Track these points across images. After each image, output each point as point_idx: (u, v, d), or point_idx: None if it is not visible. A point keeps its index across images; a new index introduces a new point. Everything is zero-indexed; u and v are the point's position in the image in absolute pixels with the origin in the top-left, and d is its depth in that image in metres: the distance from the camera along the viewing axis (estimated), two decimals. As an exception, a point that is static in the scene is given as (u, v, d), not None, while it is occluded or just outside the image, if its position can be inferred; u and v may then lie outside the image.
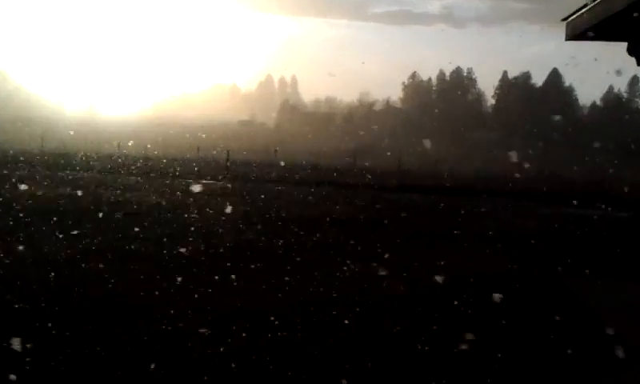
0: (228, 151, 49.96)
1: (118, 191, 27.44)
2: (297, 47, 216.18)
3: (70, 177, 34.06)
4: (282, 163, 48.78)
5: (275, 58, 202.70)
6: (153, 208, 22.06)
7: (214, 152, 58.67)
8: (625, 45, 12.21)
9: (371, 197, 31.15)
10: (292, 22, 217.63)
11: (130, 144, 63.33)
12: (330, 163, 59.96)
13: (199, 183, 34.53)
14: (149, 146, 59.85)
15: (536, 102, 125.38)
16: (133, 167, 42.76)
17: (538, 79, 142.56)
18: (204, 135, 72.99)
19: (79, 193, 24.44)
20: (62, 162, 43.34)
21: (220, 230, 17.71)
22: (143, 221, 18.32)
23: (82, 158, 46.89)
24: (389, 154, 66.28)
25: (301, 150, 75.34)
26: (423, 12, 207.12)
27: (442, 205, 28.87)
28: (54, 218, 17.49)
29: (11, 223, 16.67)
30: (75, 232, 15.47)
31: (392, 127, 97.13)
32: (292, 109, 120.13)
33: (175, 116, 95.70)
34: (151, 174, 38.88)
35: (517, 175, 42.98)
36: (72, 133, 62.62)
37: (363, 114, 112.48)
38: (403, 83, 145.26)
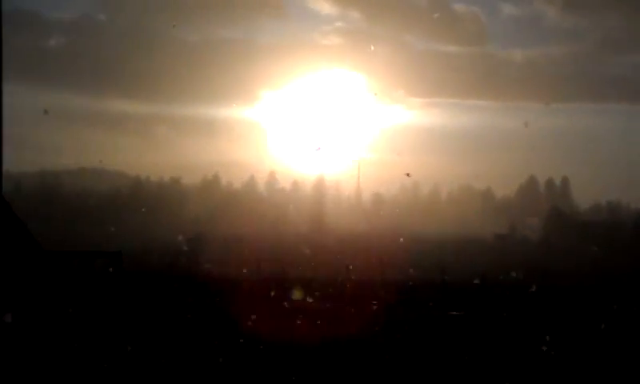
0: (484, 274, 42.89)
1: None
2: (562, 140, 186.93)
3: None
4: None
5: (534, 154, 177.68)
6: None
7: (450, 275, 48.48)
8: None
9: None
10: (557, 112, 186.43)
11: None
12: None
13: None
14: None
15: None
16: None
17: None
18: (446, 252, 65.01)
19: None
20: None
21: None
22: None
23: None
24: None
25: (580, 269, 62.17)
26: None
27: None
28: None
29: None
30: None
31: None
32: (563, 217, 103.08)
33: (408, 228, 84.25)
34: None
35: None
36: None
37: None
38: None
